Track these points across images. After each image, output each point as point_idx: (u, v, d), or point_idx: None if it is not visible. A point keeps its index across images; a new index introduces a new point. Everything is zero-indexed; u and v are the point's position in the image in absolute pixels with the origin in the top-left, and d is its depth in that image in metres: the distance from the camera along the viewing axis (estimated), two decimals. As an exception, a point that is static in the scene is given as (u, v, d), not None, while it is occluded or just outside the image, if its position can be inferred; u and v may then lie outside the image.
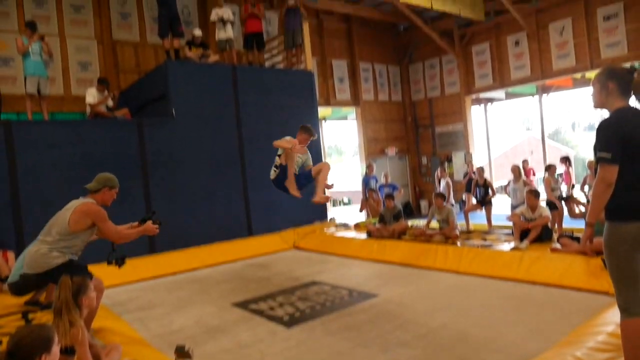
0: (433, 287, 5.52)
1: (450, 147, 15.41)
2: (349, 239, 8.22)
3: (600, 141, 2.54)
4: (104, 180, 4.23)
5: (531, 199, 6.33)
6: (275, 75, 9.87)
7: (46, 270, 3.96)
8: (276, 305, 5.20)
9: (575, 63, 12.15)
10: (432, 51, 15.29)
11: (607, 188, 2.48)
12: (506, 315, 4.29)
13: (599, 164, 2.51)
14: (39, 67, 7.49)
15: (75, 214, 3.94)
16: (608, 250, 2.56)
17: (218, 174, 8.49)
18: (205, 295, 5.94)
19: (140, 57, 10.61)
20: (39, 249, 3.96)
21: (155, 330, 4.65)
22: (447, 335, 3.91)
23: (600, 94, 2.66)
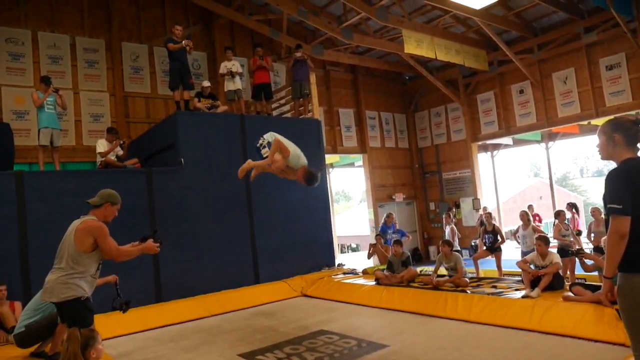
0: (444, 336, 5.37)
1: (458, 192, 15.41)
2: (357, 285, 8.09)
3: (610, 192, 2.53)
4: (107, 195, 4.24)
5: (541, 246, 6.24)
6: (283, 123, 10.06)
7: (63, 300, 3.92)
8: (284, 356, 5.07)
9: (580, 110, 12.29)
10: (438, 99, 15.58)
11: (620, 239, 2.45)
12: None
13: (611, 216, 2.48)
14: (52, 120, 7.73)
15: (79, 232, 3.95)
16: (622, 302, 2.51)
17: (225, 222, 8.51)
18: (211, 346, 5.81)
19: (151, 108, 10.92)
20: (58, 277, 3.94)
21: None
22: None
23: (607, 146, 2.67)
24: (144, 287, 7.48)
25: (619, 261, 2.50)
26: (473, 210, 14.71)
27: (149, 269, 7.62)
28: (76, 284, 3.92)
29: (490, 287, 6.77)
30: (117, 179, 7.76)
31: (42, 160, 7.72)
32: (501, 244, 8.82)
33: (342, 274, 9.29)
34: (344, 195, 52.06)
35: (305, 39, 12.76)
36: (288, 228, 9.27)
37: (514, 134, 14.16)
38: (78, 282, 3.93)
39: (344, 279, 8.79)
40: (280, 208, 9.17)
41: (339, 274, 9.21)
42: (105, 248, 3.97)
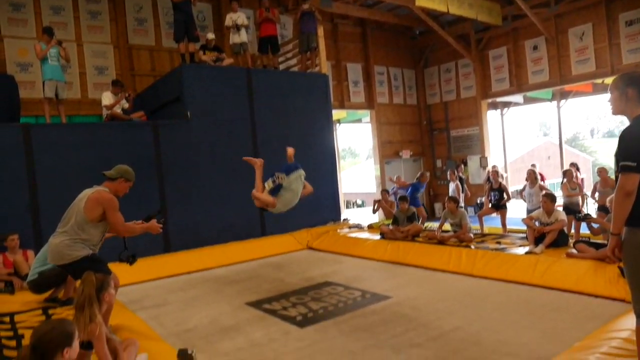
0: (447, 290, 5.47)
1: (466, 150, 15.31)
2: (362, 239, 8.20)
3: (623, 149, 2.50)
4: (123, 171, 4.34)
5: (547, 203, 6.23)
6: (290, 78, 9.93)
7: (69, 262, 4.02)
8: (289, 305, 5.21)
9: (595, 68, 11.97)
10: (448, 55, 15.22)
11: (627, 197, 2.45)
12: (520, 319, 4.24)
13: (621, 172, 2.46)
14: (56, 72, 7.64)
15: (89, 202, 4.02)
16: (627, 255, 2.52)
17: (232, 175, 8.54)
18: (219, 294, 5.97)
19: (156, 61, 10.77)
20: (62, 240, 4.02)
21: (170, 329, 4.69)
22: (460, 338, 3.88)
23: (619, 100, 2.61)
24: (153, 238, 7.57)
25: (626, 217, 2.49)
26: (480, 168, 14.66)
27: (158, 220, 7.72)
28: (81, 247, 4.03)
29: (494, 242, 6.83)
30: (123, 131, 7.77)
31: (48, 112, 7.70)
32: (507, 202, 8.81)
33: (348, 228, 9.40)
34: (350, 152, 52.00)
35: (314, -10, 12.38)
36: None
37: (526, 91, 13.88)
38: (82, 246, 4.04)
39: (349, 232, 8.90)
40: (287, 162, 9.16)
41: (344, 228, 9.32)
42: (112, 221, 4.07)
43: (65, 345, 2.19)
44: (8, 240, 6.05)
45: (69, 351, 2.20)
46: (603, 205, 7.66)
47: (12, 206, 6.60)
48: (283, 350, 3.91)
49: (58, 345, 2.17)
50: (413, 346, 3.78)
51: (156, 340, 4.04)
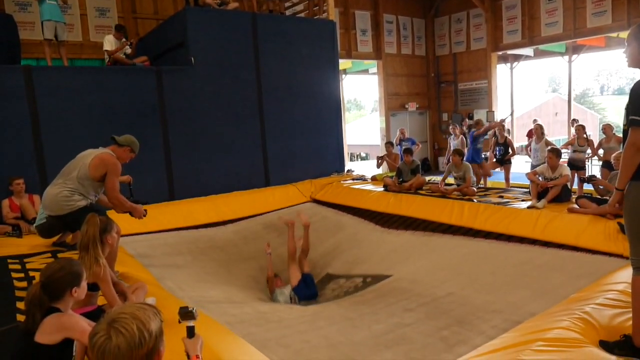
0: (445, 257, 5.46)
1: (473, 104, 15.11)
2: (366, 191, 8.21)
3: (634, 104, 2.44)
4: (130, 141, 4.51)
5: (552, 158, 6.19)
6: (296, 24, 9.65)
7: (68, 212, 4.11)
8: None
9: (611, 21, 11.58)
10: (460, 4, 14.73)
11: (637, 152, 2.42)
12: (514, 281, 4.33)
13: (631, 127, 2.43)
14: (55, 12, 7.40)
15: (96, 159, 4.15)
16: (628, 208, 2.53)
17: (237, 124, 8.49)
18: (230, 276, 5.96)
19: (159, 3, 10.45)
20: (61, 191, 4.09)
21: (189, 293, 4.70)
22: (450, 301, 4.08)
23: (637, 52, 2.52)
24: (158, 185, 7.66)
25: (633, 172, 2.48)
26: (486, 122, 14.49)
27: (161, 168, 7.76)
28: (79, 198, 4.16)
29: (497, 197, 6.85)
30: (127, 76, 7.65)
31: (48, 54, 7.55)
32: (511, 157, 8.78)
33: (351, 179, 9.42)
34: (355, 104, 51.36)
35: None
36: (299, 133, 9.25)
37: (538, 44, 13.53)
38: (80, 197, 4.17)
39: (353, 184, 8.92)
40: (291, 113, 9.09)
41: (347, 180, 9.34)
42: (109, 184, 4.18)
43: (74, 284, 2.23)
44: (14, 184, 6.11)
45: (77, 290, 2.25)
46: (607, 161, 7.62)
47: (16, 150, 6.60)
48: (286, 317, 4.11)
49: (67, 284, 2.21)
50: (406, 310, 3.98)
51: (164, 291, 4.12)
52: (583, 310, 2.78)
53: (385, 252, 6.30)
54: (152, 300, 3.35)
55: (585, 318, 2.70)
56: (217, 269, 6.08)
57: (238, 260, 6.58)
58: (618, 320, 2.74)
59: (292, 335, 3.52)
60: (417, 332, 3.42)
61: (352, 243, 7.01)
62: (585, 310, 2.77)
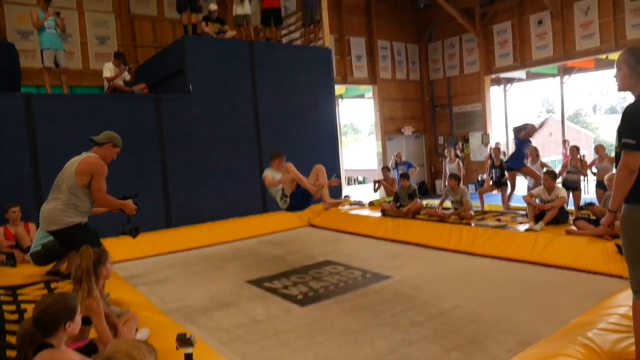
0: (447, 268, 5.51)
1: (468, 127, 15.25)
2: (363, 217, 8.24)
3: (627, 127, 2.48)
4: (111, 137, 4.34)
5: (548, 180, 6.24)
6: (293, 51, 9.81)
7: (62, 227, 4.08)
8: (290, 284, 5.24)
9: (599, 44, 11.84)
10: (452, 30, 15.01)
11: (630, 175, 2.45)
12: (518, 297, 4.29)
13: (623, 150, 2.45)
14: (55, 41, 7.49)
15: (81, 165, 4.07)
16: (625, 231, 2.54)
17: (234, 150, 8.54)
18: (220, 271, 6.01)
19: (158, 31, 10.63)
20: (55, 205, 4.09)
21: (171, 304, 4.72)
22: (459, 316, 3.94)
23: (629, 77, 2.55)
24: (155, 213, 7.65)
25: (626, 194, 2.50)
26: (482, 145, 14.63)
27: (159, 195, 7.76)
28: (73, 213, 4.10)
29: (494, 220, 6.87)
30: (125, 104, 7.72)
31: (48, 82, 7.62)
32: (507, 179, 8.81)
33: (349, 205, 9.43)
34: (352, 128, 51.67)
35: (317, -39, 12.12)
36: (296, 159, 9.23)
37: (529, 67, 13.75)
38: (74, 212, 4.11)
39: (350, 209, 8.93)
40: (289, 139, 9.15)
41: (345, 205, 9.35)
42: (96, 186, 4.09)
43: (67, 319, 2.19)
44: (9, 212, 6.06)
45: (71, 325, 2.21)
46: (601, 181, 7.69)
47: (14, 178, 6.61)
48: (283, 327, 3.95)
49: (60, 319, 2.17)
50: (413, 325, 3.83)
51: (157, 314, 4.07)
52: (585, 336, 2.77)
53: (385, 256, 6.35)
54: (144, 332, 3.30)
55: (588, 344, 2.68)
56: (207, 271, 6.09)
57: (230, 260, 6.64)
58: (621, 345, 2.73)
59: (291, 354, 3.43)
60: (423, 352, 3.31)
61: (352, 247, 7.08)
62: (587, 336, 2.76)
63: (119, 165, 6.81)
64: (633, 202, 2.49)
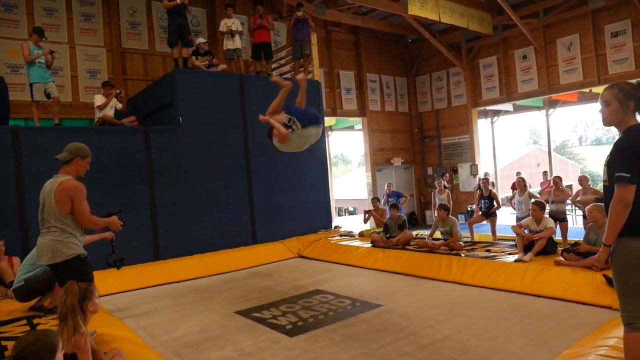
0: (437, 298, 5.48)
1: (456, 158, 15.41)
2: (353, 247, 8.20)
3: (619, 161, 2.50)
4: (75, 149, 4.10)
5: (536, 211, 6.29)
6: (282, 85, 9.91)
7: (63, 260, 3.91)
8: (279, 313, 5.18)
9: (582, 78, 12.18)
10: (440, 63, 15.35)
11: (625, 208, 2.46)
12: (509, 327, 4.26)
13: (617, 184, 2.47)
14: (44, 75, 7.51)
15: (57, 195, 3.87)
16: (617, 264, 2.55)
17: (224, 182, 8.54)
18: (209, 303, 5.93)
19: (149, 65, 10.73)
20: (54, 237, 3.90)
21: (158, 337, 4.64)
22: (450, 347, 3.89)
23: (618, 112, 2.59)
24: (143, 245, 7.56)
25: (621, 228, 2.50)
26: (470, 175, 14.76)
27: (147, 227, 7.69)
28: (74, 243, 3.93)
29: (484, 250, 6.87)
30: (115, 136, 7.72)
31: (36, 116, 7.60)
32: (497, 210, 8.88)
33: (339, 236, 9.40)
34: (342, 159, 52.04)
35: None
36: (286, 190, 9.32)
37: (515, 100, 14.04)
38: (74, 241, 3.94)
39: (341, 240, 8.90)
40: (278, 170, 9.19)
41: (335, 236, 9.32)
42: (78, 209, 3.88)
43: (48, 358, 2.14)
44: (-7, 246, 5.96)
45: None
46: None
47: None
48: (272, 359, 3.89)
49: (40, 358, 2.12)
50: (403, 355, 3.78)
51: (144, 348, 3.97)
52: (576, 368, 2.75)
53: (375, 286, 6.31)
54: None
55: (579, 376, 2.66)
56: (195, 303, 5.99)
57: (219, 292, 6.53)
58: (611, 377, 2.70)
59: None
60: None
61: (342, 276, 7.02)
62: (577, 369, 2.74)
63: (107, 196, 6.85)
64: (627, 235, 2.50)
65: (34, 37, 7.47)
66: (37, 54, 7.33)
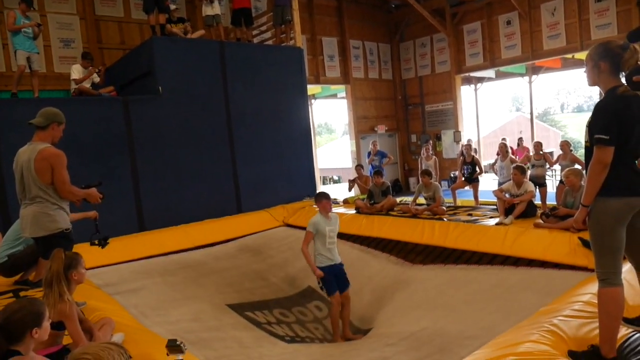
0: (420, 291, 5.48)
1: (440, 125, 15.48)
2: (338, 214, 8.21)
3: (598, 122, 2.54)
4: (52, 114, 3.98)
5: (517, 175, 6.37)
6: (264, 51, 9.76)
7: (49, 234, 3.84)
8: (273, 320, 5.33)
9: (565, 44, 12.19)
10: (423, 30, 15.21)
11: (603, 169, 2.51)
12: (486, 306, 4.44)
13: (596, 146, 2.51)
14: (30, 45, 7.41)
15: (37, 163, 3.76)
16: (594, 222, 2.61)
17: (206, 151, 8.45)
18: (198, 289, 5.85)
19: (125, 33, 10.45)
20: (39, 210, 3.81)
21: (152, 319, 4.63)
22: (427, 334, 4.16)
23: (592, 72, 2.65)
24: (127, 217, 7.50)
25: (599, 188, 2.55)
26: (454, 142, 14.86)
27: (130, 199, 7.62)
28: (60, 215, 3.85)
29: (466, 215, 6.98)
30: (93, 107, 7.55)
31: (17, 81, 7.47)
32: (479, 175, 8.99)
33: (324, 203, 9.42)
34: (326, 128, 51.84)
35: (287, -39, 12.11)
36: (270, 159, 9.27)
37: (499, 66, 14.05)
38: (60, 213, 3.86)
39: (325, 208, 8.91)
40: (261, 139, 9.12)
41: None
42: (58, 179, 3.78)
43: (34, 325, 2.14)
44: (-26, 221, 5.87)
45: (39, 331, 2.15)
46: None
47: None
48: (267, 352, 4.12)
49: (26, 325, 2.12)
50: (387, 345, 4.05)
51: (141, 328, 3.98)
52: (551, 322, 2.84)
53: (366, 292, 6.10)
54: (119, 336, 3.23)
55: (554, 330, 2.75)
56: (185, 284, 5.97)
57: (208, 273, 6.50)
58: (585, 330, 2.81)
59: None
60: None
61: None
62: (553, 323, 2.83)
63: (88, 168, 6.74)
64: (604, 195, 2.55)
65: (21, 6, 7.28)
66: (23, 24, 7.21)
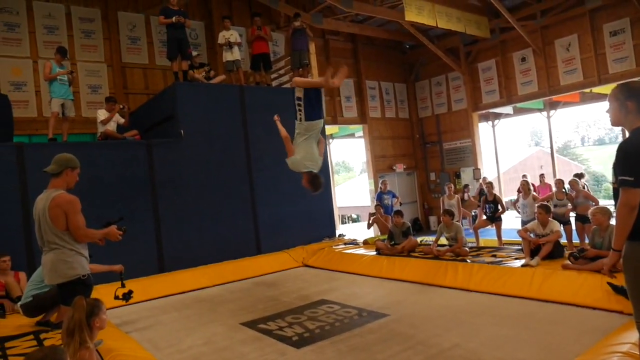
0: (444, 306, 5.43)
1: (459, 162, 15.38)
2: (358, 256, 8.17)
3: (622, 164, 2.47)
4: (65, 160, 4.02)
5: (542, 214, 6.25)
6: (283, 94, 9.93)
7: (67, 280, 3.87)
8: (285, 324, 5.14)
9: (582, 78, 12.14)
10: (438, 68, 15.37)
11: (631, 211, 2.43)
12: (518, 334, 4.22)
13: (621, 188, 2.44)
14: (65, 91, 7.86)
15: (51, 211, 3.81)
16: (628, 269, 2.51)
17: (227, 193, 8.53)
18: (213, 314, 5.91)
19: (149, 79, 10.79)
20: (56, 255, 3.86)
21: (164, 350, 4.62)
22: (459, 356, 3.85)
23: (619, 112, 2.59)
24: (147, 258, 7.55)
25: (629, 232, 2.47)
26: (473, 180, 14.72)
27: (151, 240, 7.68)
28: (77, 261, 3.89)
29: (490, 256, 6.83)
30: (117, 150, 7.75)
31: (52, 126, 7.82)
32: (502, 214, 8.84)
33: (343, 244, 9.36)
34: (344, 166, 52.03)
35: (304, 8, 12.49)
36: (289, 199, 9.29)
37: (516, 102, 14.01)
38: (78, 259, 3.90)
39: (345, 249, 8.86)
40: (281, 179, 9.15)
41: (339, 245, 9.29)
42: (73, 224, 3.82)
43: None
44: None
45: None
46: (580, 215, 7.65)
47: (4, 227, 6.52)
48: None
49: None
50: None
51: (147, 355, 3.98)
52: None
53: (381, 294, 6.26)
54: None
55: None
56: (200, 315, 5.95)
57: (223, 302, 6.52)
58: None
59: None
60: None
61: (347, 285, 6.97)
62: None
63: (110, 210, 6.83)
64: (635, 239, 2.46)
65: (56, 57, 7.83)
66: (58, 72, 7.70)
